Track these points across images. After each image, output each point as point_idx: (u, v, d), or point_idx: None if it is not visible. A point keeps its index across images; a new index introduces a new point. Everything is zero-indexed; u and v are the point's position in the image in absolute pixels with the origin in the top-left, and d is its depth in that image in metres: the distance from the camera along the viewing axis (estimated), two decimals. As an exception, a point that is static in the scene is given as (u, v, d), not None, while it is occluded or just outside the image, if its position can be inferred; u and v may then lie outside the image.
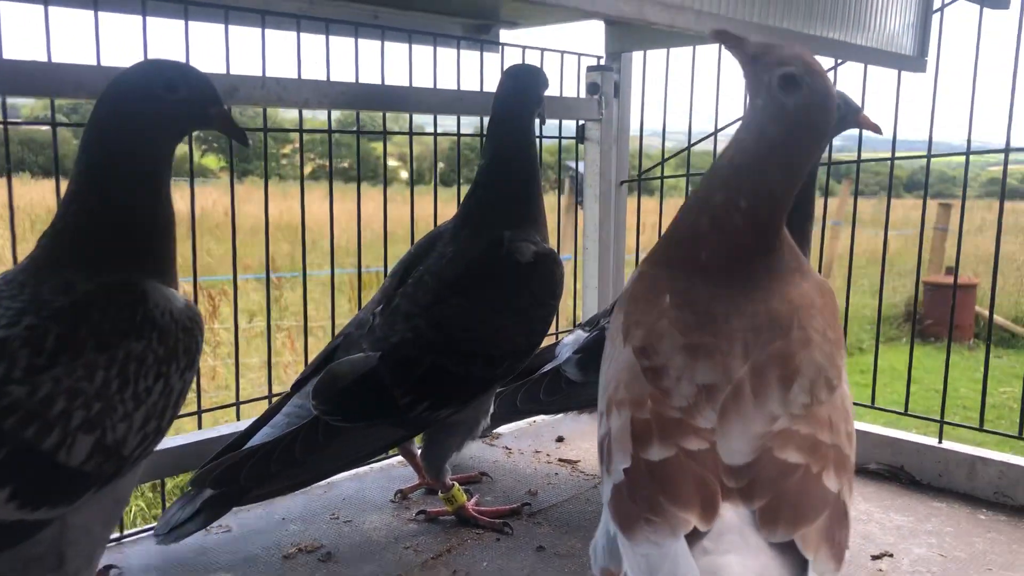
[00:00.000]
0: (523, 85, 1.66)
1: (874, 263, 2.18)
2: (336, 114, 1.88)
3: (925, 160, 1.94)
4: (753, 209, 1.04)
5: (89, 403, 0.96)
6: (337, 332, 1.66)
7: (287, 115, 1.85)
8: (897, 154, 1.98)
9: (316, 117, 2.77)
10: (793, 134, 1.03)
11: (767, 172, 1.04)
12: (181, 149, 1.24)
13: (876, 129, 1.70)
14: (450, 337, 1.50)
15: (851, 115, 1.67)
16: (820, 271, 2.08)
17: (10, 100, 1.40)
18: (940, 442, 1.85)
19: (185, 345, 1.09)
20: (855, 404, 2.12)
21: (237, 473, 1.39)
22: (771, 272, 1.06)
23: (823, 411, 0.96)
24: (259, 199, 1.77)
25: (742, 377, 0.96)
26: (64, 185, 1.12)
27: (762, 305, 1.02)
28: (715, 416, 0.94)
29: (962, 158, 1.86)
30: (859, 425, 1.93)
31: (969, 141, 1.83)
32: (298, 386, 1.56)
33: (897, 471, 1.86)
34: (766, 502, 0.88)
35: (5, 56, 1.31)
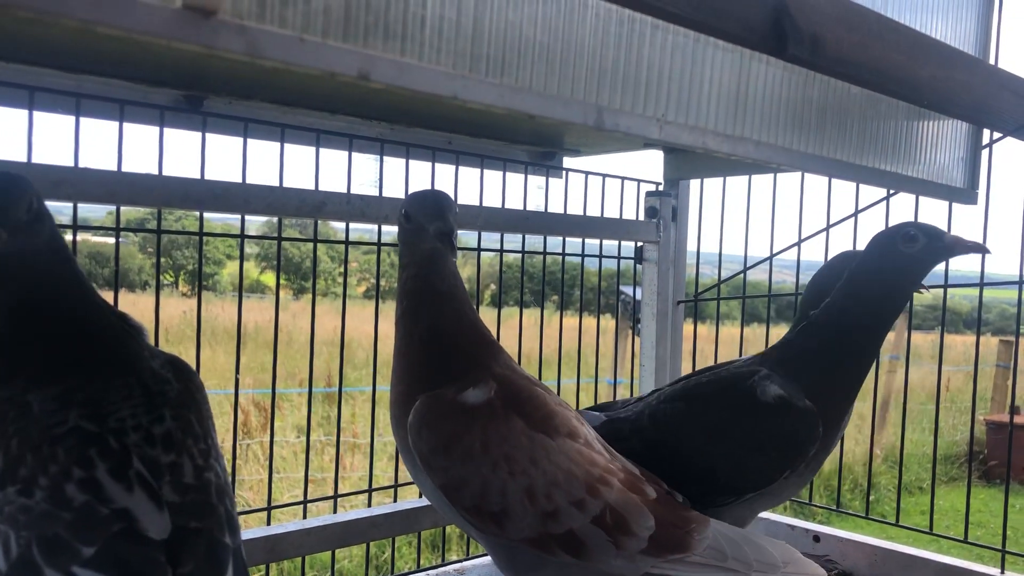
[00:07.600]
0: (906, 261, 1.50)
1: (934, 399, 2.19)
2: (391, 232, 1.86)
3: (978, 291, 1.98)
4: None
5: None
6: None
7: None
8: (950, 283, 2.01)
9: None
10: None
11: None
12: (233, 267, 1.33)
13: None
14: (655, 429, 1.55)
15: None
16: (875, 406, 2.09)
17: (80, 214, 1.52)
18: (1003, 573, 1.81)
19: None
20: (915, 530, 2.10)
21: None
22: None
23: None
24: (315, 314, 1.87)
25: None
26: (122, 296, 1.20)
27: None
28: None
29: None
30: (918, 552, 1.91)
31: (1022, 271, 1.86)
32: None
33: (959, 601, 1.81)
34: None
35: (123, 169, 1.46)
